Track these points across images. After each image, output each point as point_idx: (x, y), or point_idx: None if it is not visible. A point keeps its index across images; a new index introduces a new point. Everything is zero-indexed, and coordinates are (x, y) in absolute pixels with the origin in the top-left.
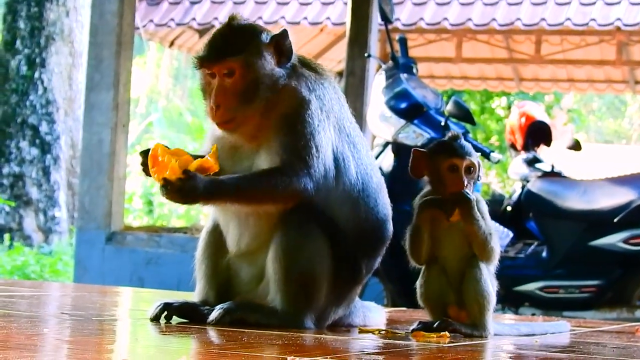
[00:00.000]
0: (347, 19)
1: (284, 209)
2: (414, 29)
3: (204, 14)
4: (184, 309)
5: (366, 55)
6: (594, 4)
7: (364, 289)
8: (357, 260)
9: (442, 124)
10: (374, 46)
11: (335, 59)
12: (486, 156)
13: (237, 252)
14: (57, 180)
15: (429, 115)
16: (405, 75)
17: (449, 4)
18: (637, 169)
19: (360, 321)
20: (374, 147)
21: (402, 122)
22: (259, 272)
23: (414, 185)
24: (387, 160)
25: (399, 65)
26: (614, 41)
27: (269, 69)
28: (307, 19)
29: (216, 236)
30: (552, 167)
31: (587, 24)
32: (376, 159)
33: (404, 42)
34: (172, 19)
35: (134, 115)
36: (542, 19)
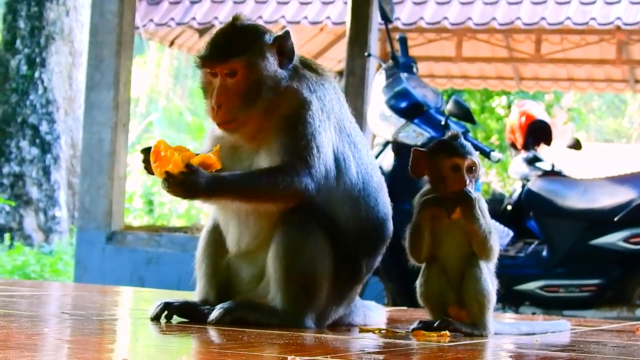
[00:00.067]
0: (347, 19)
1: (285, 209)
2: (414, 28)
3: (204, 13)
4: (184, 309)
5: (366, 54)
6: (594, 3)
7: (364, 288)
8: (358, 259)
9: (442, 123)
10: (374, 45)
11: (335, 59)
12: (486, 155)
13: (237, 252)
14: (58, 179)
15: (429, 114)
16: (405, 74)
17: (449, 3)
18: (637, 167)
19: (360, 320)
20: (374, 146)
21: (402, 121)
22: (259, 271)
23: (414, 184)
24: (387, 159)
25: (399, 64)
26: (614, 40)
27: (272, 71)
28: (307, 19)
29: (216, 236)
30: (552, 166)
31: (587, 23)
32: (376, 158)
33: (404, 41)
34: (172, 19)
35: (134, 114)
36: (542, 18)
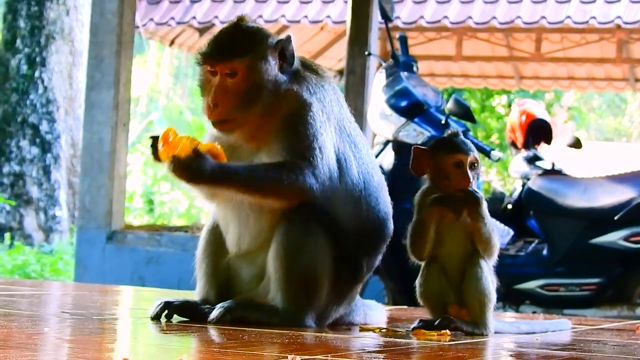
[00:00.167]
0: (348, 18)
1: (285, 208)
2: (414, 27)
3: (204, 12)
4: (184, 308)
5: (366, 53)
6: (594, 2)
7: (364, 288)
8: (358, 258)
9: (443, 122)
10: (374, 44)
11: (335, 58)
12: (487, 154)
13: (237, 253)
14: (58, 179)
15: (430, 113)
16: (405, 73)
17: (449, 2)
18: (638, 166)
19: (361, 319)
20: (374, 145)
21: (403, 120)
22: (259, 271)
23: (414, 183)
24: (388, 158)
25: (399, 63)
26: (614, 39)
27: (273, 75)
28: (308, 18)
29: (217, 235)
30: (553, 165)
31: (587, 22)
32: (376, 157)
33: (404, 40)
34: (172, 18)
35: (135, 114)
36: (543, 17)
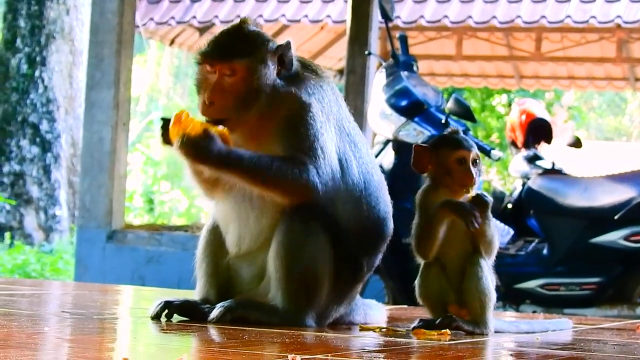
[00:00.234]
0: (348, 17)
1: (287, 205)
2: (415, 27)
3: (205, 12)
4: (184, 307)
5: (367, 53)
6: (594, 1)
7: (364, 287)
8: (358, 258)
9: (443, 121)
10: (375, 44)
11: (335, 57)
12: (487, 154)
13: (238, 253)
14: (58, 178)
15: (430, 112)
16: (405, 72)
17: (449, 1)
18: (638, 166)
19: (361, 319)
20: (374, 144)
21: (403, 119)
22: (259, 270)
23: (414, 182)
24: (388, 158)
25: (400, 62)
26: (614, 38)
27: (271, 79)
28: (308, 17)
29: (217, 234)
30: (553, 164)
31: (587, 22)
32: (377, 156)
33: (404, 39)
34: (172, 17)
35: (135, 113)
36: (543, 17)
